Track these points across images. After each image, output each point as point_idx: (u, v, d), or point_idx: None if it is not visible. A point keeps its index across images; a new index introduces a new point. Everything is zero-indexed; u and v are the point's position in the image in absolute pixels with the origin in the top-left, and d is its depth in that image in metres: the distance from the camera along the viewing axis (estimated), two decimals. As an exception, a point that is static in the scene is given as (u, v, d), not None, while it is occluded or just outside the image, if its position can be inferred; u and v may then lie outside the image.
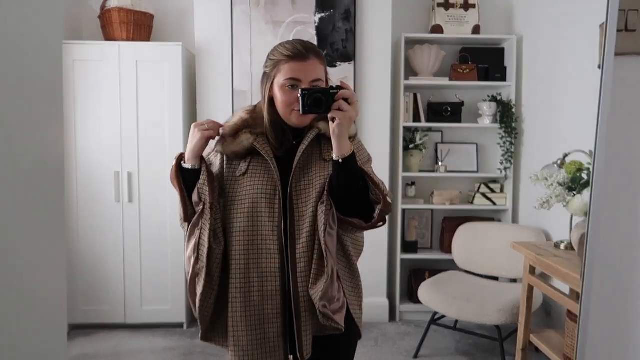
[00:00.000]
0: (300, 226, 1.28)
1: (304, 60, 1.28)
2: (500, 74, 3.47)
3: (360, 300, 1.41)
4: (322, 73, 1.33)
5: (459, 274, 3.24)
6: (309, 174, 1.32)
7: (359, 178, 1.27)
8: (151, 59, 3.20)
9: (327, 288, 1.24)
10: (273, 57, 1.33)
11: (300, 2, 3.30)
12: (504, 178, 3.55)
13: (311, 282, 1.25)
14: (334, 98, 1.22)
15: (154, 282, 3.27)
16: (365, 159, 1.39)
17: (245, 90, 3.32)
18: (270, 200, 1.30)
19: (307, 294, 1.26)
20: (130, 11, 3.23)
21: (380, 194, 1.27)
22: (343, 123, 1.21)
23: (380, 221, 1.28)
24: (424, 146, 3.53)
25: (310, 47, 1.32)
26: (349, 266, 1.39)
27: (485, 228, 3.29)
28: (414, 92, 3.51)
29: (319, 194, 1.29)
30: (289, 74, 1.28)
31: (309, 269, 1.27)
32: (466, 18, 3.44)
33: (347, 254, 1.37)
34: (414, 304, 3.51)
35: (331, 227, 1.27)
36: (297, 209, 1.29)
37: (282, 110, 1.32)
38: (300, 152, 1.31)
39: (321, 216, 1.25)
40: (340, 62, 3.34)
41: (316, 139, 1.34)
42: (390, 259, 3.60)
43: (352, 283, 1.39)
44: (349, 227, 1.32)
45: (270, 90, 1.34)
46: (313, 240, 1.27)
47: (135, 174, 3.22)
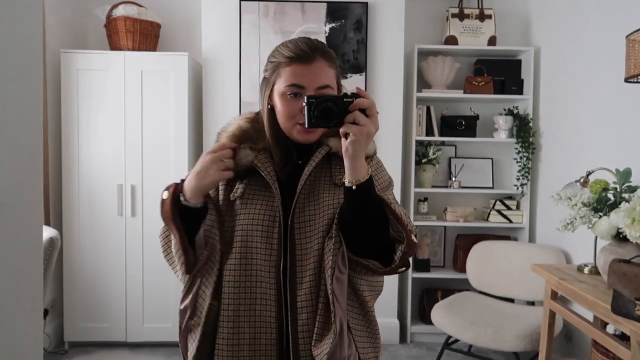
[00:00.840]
0: (303, 267, 1.05)
1: (309, 62, 1.04)
2: (517, 87, 3.35)
3: (377, 351, 1.15)
4: (332, 78, 1.08)
5: (473, 295, 3.09)
6: (315, 202, 1.08)
7: (377, 208, 1.02)
8: (157, 68, 3.12)
9: (335, 348, 0.99)
10: (273, 59, 1.10)
11: (310, 12, 3.21)
12: (520, 194, 3.41)
13: (315, 339, 1.02)
14: (348, 108, 0.97)
15: (156, 298, 3.16)
16: (385, 184, 1.15)
17: (253, 102, 3.22)
18: (267, 234, 1.06)
19: (310, 354, 1.02)
20: (136, 20, 3.15)
21: (404, 229, 1.01)
22: (359, 140, 0.95)
23: (403, 266, 1.03)
24: (437, 161, 3.41)
25: (317, 45, 1.07)
26: (364, 313, 1.12)
27: (501, 247, 3.15)
28: (427, 104, 3.40)
29: (326, 226, 1.05)
30: (290, 80, 1.05)
31: (312, 322, 1.03)
32: (482, 29, 3.33)
33: (361, 300, 1.11)
34: (425, 325, 3.36)
35: (340, 270, 1.03)
36: (300, 245, 1.05)
37: (283, 123, 1.09)
38: (305, 175, 1.07)
39: (328, 255, 1.02)
40: (351, 74, 3.23)
41: (326, 158, 1.11)
42: (401, 278, 3.46)
43: (367, 333, 1.13)
44: (363, 270, 1.08)
45: (270, 98, 1.11)
46: (318, 285, 1.03)
47: (138, 187, 3.13)
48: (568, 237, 2.80)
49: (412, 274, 3.37)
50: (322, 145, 1.11)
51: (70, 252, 3.11)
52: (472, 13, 3.33)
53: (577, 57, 2.86)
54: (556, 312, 2.31)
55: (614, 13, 2.50)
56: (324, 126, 0.99)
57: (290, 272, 1.05)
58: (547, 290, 2.31)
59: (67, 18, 3.30)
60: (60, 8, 3.22)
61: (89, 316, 3.14)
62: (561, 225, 2.12)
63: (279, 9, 3.20)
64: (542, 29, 3.33)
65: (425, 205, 3.46)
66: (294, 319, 1.04)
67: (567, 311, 2.21)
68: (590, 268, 2.22)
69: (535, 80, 3.34)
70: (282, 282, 1.06)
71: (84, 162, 3.11)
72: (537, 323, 2.54)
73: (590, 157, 2.66)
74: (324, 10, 3.21)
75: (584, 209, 2.09)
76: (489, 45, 3.33)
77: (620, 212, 1.83)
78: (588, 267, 2.24)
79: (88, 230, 3.13)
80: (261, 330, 1.05)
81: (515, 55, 3.47)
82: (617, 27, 2.41)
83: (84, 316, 3.14)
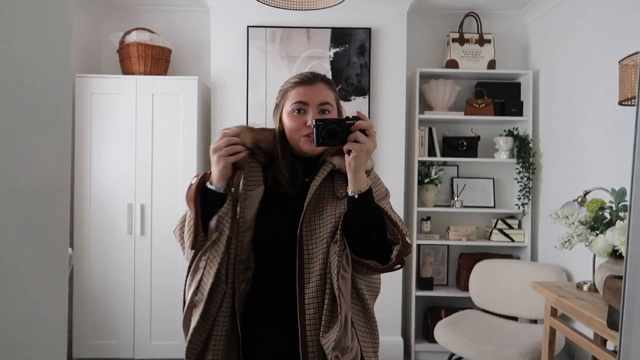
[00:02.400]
0: (310, 268, 1.18)
1: (311, 84, 1.25)
2: (517, 109, 3.44)
3: (376, 347, 1.28)
4: (331, 98, 1.28)
5: (476, 313, 3.13)
6: (320, 213, 1.22)
7: (376, 215, 1.19)
8: (167, 92, 3.23)
9: (341, 337, 1.12)
10: (282, 88, 1.32)
11: (315, 37, 3.33)
12: (522, 214, 3.47)
13: (322, 331, 1.15)
14: (350, 129, 1.15)
15: (164, 316, 3.22)
16: (382, 195, 1.30)
17: (259, 124, 3.32)
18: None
19: (317, 343, 1.15)
20: (148, 46, 3.28)
21: (399, 233, 1.18)
22: (360, 156, 1.14)
23: (398, 263, 1.19)
24: (440, 180, 3.48)
25: (318, 74, 1.29)
26: (364, 311, 1.26)
27: (503, 265, 3.19)
28: (428, 126, 3.49)
29: (331, 233, 1.19)
30: (295, 98, 1.24)
31: (319, 316, 1.16)
32: (481, 53, 3.43)
33: (362, 298, 1.25)
34: (429, 343, 3.39)
35: (345, 269, 1.17)
36: (307, 250, 1.19)
37: (291, 137, 1.26)
38: (312, 190, 1.22)
39: (334, 257, 1.16)
40: (354, 96, 3.34)
41: (329, 174, 1.25)
42: (405, 296, 3.51)
43: (368, 329, 1.26)
44: (364, 269, 1.23)
45: (281, 122, 1.29)
46: (324, 283, 1.17)
47: (148, 206, 3.21)
48: (569, 255, 2.85)
49: (415, 292, 3.41)
50: (326, 163, 1.26)
51: (80, 270, 3.18)
52: (472, 38, 3.44)
53: (574, 80, 2.95)
54: (556, 329, 2.35)
55: (609, 38, 2.60)
56: (330, 144, 1.17)
57: (299, 273, 1.18)
58: (547, 308, 2.36)
59: (82, 44, 3.44)
60: (76, 34, 3.36)
61: (97, 333, 3.20)
62: (559, 243, 2.18)
63: (285, 34, 3.32)
64: (541, 53, 3.43)
65: (428, 224, 3.52)
66: (302, 313, 1.16)
67: (567, 328, 2.25)
68: (589, 285, 2.27)
69: (534, 102, 3.42)
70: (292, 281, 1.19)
71: (95, 181, 3.20)
72: (538, 340, 2.57)
73: (588, 176, 2.73)
74: (329, 35, 3.33)
75: (581, 227, 2.15)
76: (488, 69, 3.43)
77: (616, 230, 1.90)
78: (587, 284, 2.29)
79: (98, 248, 3.20)
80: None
81: (515, 78, 3.57)
82: (612, 52, 2.50)
83: (93, 333, 3.19)
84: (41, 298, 0.74)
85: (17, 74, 0.64)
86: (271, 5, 2.10)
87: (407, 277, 3.51)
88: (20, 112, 0.66)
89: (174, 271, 3.21)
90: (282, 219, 1.23)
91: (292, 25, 3.31)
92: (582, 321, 2.04)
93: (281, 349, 1.21)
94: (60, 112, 0.76)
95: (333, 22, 3.31)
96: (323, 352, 1.15)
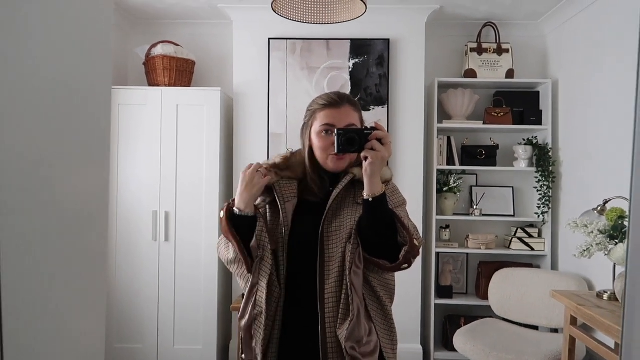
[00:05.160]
0: (330, 267, 1.29)
1: (338, 107, 1.36)
2: (536, 117, 3.45)
3: (394, 344, 1.37)
4: (356, 119, 1.38)
5: (496, 321, 3.13)
6: (340, 217, 1.33)
7: (388, 219, 1.28)
8: (191, 103, 3.33)
9: (354, 328, 1.22)
10: (310, 108, 1.42)
11: (335, 49, 3.40)
12: (541, 223, 3.46)
13: (339, 323, 1.25)
14: (368, 138, 1.27)
15: (187, 321, 3.30)
16: (399, 203, 1.40)
17: (280, 133, 3.40)
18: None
19: (335, 335, 1.25)
20: (173, 58, 3.39)
21: (408, 236, 1.27)
22: (375, 162, 1.25)
23: (405, 263, 1.27)
24: (458, 189, 3.50)
25: (344, 96, 1.40)
26: (381, 309, 1.36)
27: (523, 274, 3.19)
28: (447, 135, 3.52)
29: (348, 235, 1.30)
30: (324, 120, 1.36)
31: (336, 309, 1.26)
32: (500, 62, 3.46)
33: (378, 296, 1.35)
34: (449, 352, 3.39)
35: (357, 265, 1.27)
36: (328, 250, 1.30)
37: (319, 155, 1.38)
38: (333, 197, 1.33)
39: (348, 254, 1.27)
40: (373, 106, 3.39)
41: (350, 184, 1.37)
42: (424, 304, 3.52)
43: (385, 326, 1.36)
44: (375, 268, 1.32)
45: (309, 139, 1.40)
46: (341, 280, 1.27)
47: (172, 213, 3.31)
48: (589, 264, 2.85)
49: (434, 300, 3.43)
50: (348, 174, 1.38)
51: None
52: (490, 47, 3.47)
53: (593, 89, 2.95)
54: (576, 338, 2.35)
55: (627, 47, 2.60)
56: (349, 151, 1.29)
57: (320, 271, 1.30)
58: (566, 316, 2.36)
59: (109, 57, 3.56)
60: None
61: (122, 337, 3.29)
62: (577, 252, 2.19)
63: (305, 46, 3.40)
64: (559, 62, 3.44)
65: (447, 232, 3.54)
66: (322, 307, 1.28)
67: (588, 337, 2.25)
68: (609, 294, 2.27)
69: (553, 111, 3.43)
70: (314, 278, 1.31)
71: (122, 189, 3.31)
72: (558, 349, 2.57)
73: (608, 185, 2.72)
74: (348, 46, 3.39)
75: (600, 236, 2.16)
76: (507, 78, 3.45)
77: (634, 238, 1.90)
78: (607, 293, 2.29)
79: (124, 253, 3.31)
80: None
81: (534, 87, 3.58)
82: (630, 61, 2.51)
83: (118, 337, 3.29)
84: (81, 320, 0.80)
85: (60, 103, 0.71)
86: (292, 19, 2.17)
87: (427, 285, 3.53)
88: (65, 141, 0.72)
89: (197, 277, 3.29)
90: (309, 223, 1.34)
91: (312, 37, 3.39)
92: (602, 330, 2.04)
93: (304, 341, 1.30)
94: (101, 140, 0.82)
95: (352, 34, 3.38)
96: (339, 344, 1.24)
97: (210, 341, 3.29)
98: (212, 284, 3.28)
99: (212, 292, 3.28)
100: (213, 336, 3.28)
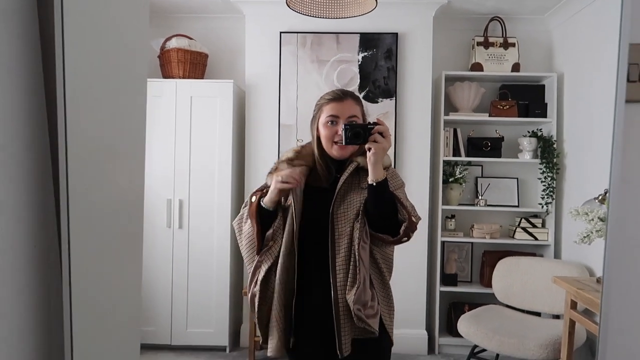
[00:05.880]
0: (339, 242, 1.49)
1: (342, 101, 1.56)
2: (541, 110, 3.52)
3: (391, 310, 1.58)
4: (358, 111, 1.58)
5: (499, 308, 3.22)
6: (347, 200, 1.53)
7: (389, 200, 1.47)
8: (205, 94, 3.44)
9: (360, 293, 1.43)
10: (318, 103, 1.63)
11: (344, 42, 3.48)
12: (545, 213, 3.54)
13: (348, 289, 1.45)
14: (371, 132, 1.46)
15: (199, 305, 3.42)
16: (398, 185, 1.59)
17: (290, 124, 3.50)
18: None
19: (345, 299, 1.45)
20: (187, 51, 3.49)
21: (407, 214, 1.46)
22: (377, 152, 1.44)
23: (405, 237, 1.47)
24: (464, 180, 3.59)
25: (348, 92, 1.60)
26: (382, 279, 1.57)
27: (526, 262, 3.28)
28: (453, 127, 3.60)
29: (355, 215, 1.50)
30: (329, 112, 1.56)
31: (345, 278, 1.46)
32: (506, 56, 3.53)
33: (379, 268, 1.56)
34: (453, 337, 3.50)
35: (364, 241, 1.47)
36: (337, 229, 1.50)
37: (325, 143, 1.57)
38: (341, 182, 1.53)
39: (356, 232, 1.47)
40: (381, 98, 3.48)
41: (355, 171, 1.55)
42: (430, 292, 3.62)
43: (384, 294, 1.57)
44: (379, 242, 1.53)
45: (318, 130, 1.59)
46: (349, 254, 1.47)
47: (186, 201, 3.42)
48: (591, 252, 2.93)
49: (440, 288, 3.52)
50: (352, 162, 1.57)
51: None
52: (497, 41, 3.55)
53: (597, 83, 3.02)
54: (576, 322, 2.44)
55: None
56: (355, 144, 1.49)
57: (331, 246, 1.50)
58: (567, 301, 2.45)
59: (125, 49, 3.67)
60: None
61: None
62: (578, 238, 2.28)
63: (315, 39, 3.49)
64: (565, 56, 3.50)
65: (453, 222, 3.63)
66: (334, 277, 1.48)
67: (587, 320, 2.34)
68: (608, 280, 2.36)
69: (558, 104, 3.50)
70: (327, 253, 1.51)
71: (138, 178, 3.42)
72: (559, 334, 2.66)
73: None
74: (357, 40, 3.48)
75: (600, 223, 2.24)
76: (512, 72, 3.52)
77: (632, 224, 1.99)
78: (606, 279, 2.37)
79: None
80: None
81: (539, 80, 3.65)
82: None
83: (134, 320, 3.41)
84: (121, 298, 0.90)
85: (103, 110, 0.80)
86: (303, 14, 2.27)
87: (432, 273, 3.62)
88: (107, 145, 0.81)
89: (209, 263, 3.41)
90: (320, 206, 1.53)
91: (323, 30, 3.48)
92: (600, 312, 2.13)
93: (319, 303, 1.51)
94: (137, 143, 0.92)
95: (361, 28, 3.46)
96: (349, 307, 1.44)
97: (222, 325, 3.41)
98: (224, 269, 3.40)
99: (224, 277, 3.40)
100: (225, 320, 3.40)
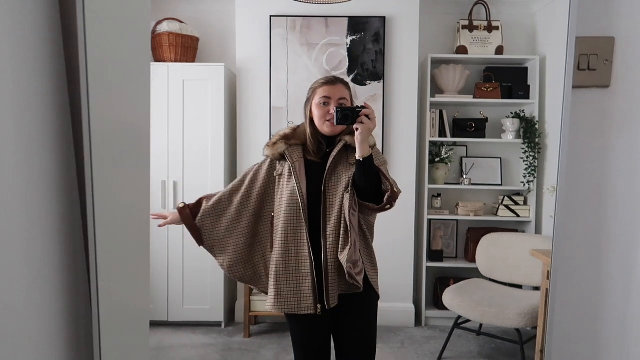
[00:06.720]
0: (330, 211, 1.72)
1: (333, 84, 1.80)
2: (524, 92, 3.64)
3: (375, 268, 1.82)
4: (347, 95, 1.81)
5: (482, 281, 3.38)
6: (337, 174, 1.76)
7: (374, 173, 1.68)
8: (196, 78, 3.51)
9: (352, 253, 1.65)
10: (312, 86, 1.85)
11: (333, 26, 3.56)
12: (527, 191, 3.69)
13: (340, 250, 1.67)
14: (359, 114, 1.68)
15: (195, 283, 3.54)
16: (382, 162, 1.80)
17: (281, 107, 3.59)
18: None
19: (334, 260, 1.69)
20: (178, 35, 3.55)
21: (390, 185, 1.67)
22: (364, 132, 1.65)
23: (388, 204, 1.68)
24: (450, 160, 3.72)
25: (339, 78, 1.84)
26: (366, 242, 1.80)
27: (508, 238, 3.43)
28: (439, 108, 3.71)
29: (345, 187, 1.72)
30: (322, 94, 1.78)
31: (336, 242, 1.70)
32: (490, 39, 3.63)
33: (363, 232, 1.79)
34: (439, 310, 3.66)
35: (353, 209, 1.69)
36: (329, 199, 1.73)
37: (318, 122, 1.79)
38: (331, 158, 1.75)
39: (346, 201, 1.69)
40: (370, 81, 3.57)
41: (344, 148, 1.77)
42: (417, 267, 3.77)
43: (368, 254, 1.80)
44: (365, 210, 1.75)
45: (310, 111, 1.81)
46: (339, 221, 1.70)
47: (180, 183, 3.51)
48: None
49: (426, 263, 3.68)
50: (341, 140, 1.78)
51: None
52: (481, 25, 3.64)
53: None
54: (553, 291, 2.59)
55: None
56: (345, 124, 1.71)
57: (323, 214, 1.73)
58: (543, 272, 2.60)
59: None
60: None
61: (135, 298, 3.52)
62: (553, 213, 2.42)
63: (305, 23, 3.56)
64: (547, 39, 3.62)
65: (439, 200, 3.77)
66: (324, 241, 1.72)
67: (562, 289, 2.49)
68: (582, 252, 2.51)
69: (541, 86, 3.62)
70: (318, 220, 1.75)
71: (132, 160, 3.50)
72: (537, 303, 2.81)
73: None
74: (346, 24, 3.56)
75: (574, 198, 2.38)
76: (496, 54, 3.63)
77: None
78: (581, 250, 2.52)
79: (135, 221, 3.51)
80: (303, 248, 1.75)
81: (522, 63, 3.76)
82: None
83: (132, 298, 3.52)
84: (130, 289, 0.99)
85: None
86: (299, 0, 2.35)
87: (419, 250, 3.77)
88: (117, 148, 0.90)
89: (204, 242, 3.51)
90: (313, 178, 1.77)
91: (312, 14, 3.55)
92: (573, 281, 2.28)
93: (310, 263, 1.73)
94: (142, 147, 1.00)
95: (350, 12, 3.54)
96: (337, 265, 1.69)
97: (217, 301, 3.54)
98: (219, 248, 3.51)
99: (219, 256, 3.51)
100: (220, 297, 3.53)
